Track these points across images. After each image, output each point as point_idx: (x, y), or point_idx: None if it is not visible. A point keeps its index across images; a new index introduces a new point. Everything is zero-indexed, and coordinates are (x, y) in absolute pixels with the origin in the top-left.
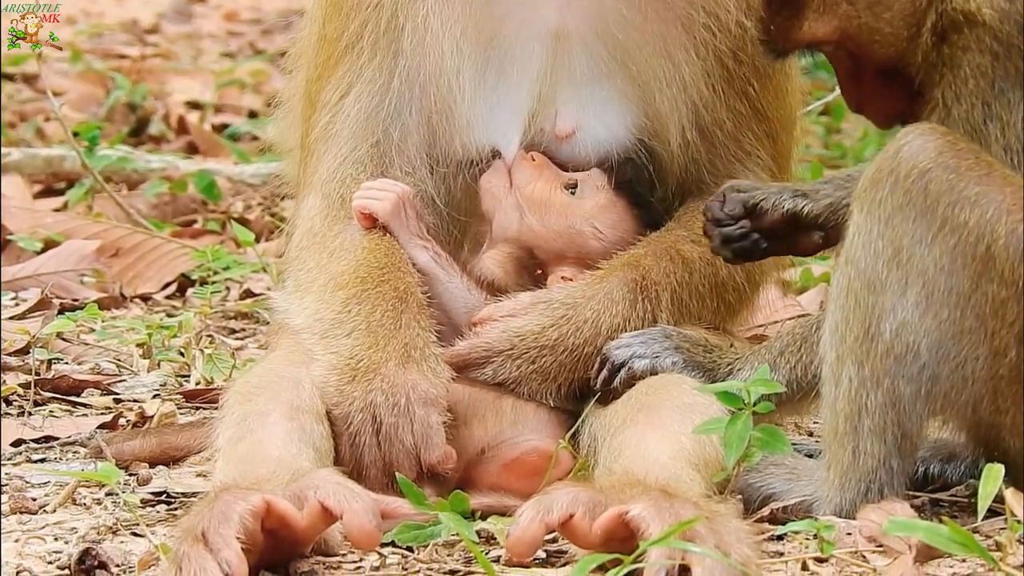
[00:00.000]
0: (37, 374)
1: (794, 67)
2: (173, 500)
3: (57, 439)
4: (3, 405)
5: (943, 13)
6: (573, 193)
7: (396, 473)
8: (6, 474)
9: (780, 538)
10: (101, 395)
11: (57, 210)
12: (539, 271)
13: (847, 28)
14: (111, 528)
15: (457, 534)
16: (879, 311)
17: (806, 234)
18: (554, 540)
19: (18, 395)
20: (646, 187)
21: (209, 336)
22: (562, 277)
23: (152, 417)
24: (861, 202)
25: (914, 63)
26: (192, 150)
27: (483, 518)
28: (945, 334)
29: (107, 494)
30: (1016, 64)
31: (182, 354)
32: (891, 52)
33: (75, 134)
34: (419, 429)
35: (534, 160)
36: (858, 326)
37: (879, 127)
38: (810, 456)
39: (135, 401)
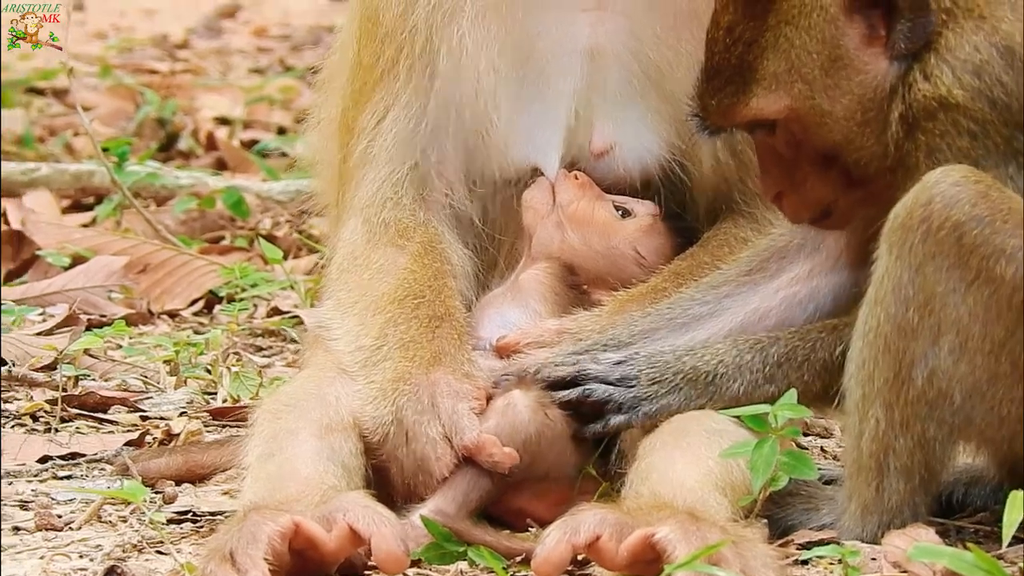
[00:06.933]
0: (64, 390)
1: None
2: (199, 518)
3: (83, 456)
4: (18, 421)
5: (912, 103)
6: (623, 217)
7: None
8: (32, 491)
9: (805, 563)
10: (128, 412)
11: (85, 226)
12: (583, 288)
13: (798, 108)
14: (136, 546)
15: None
16: (910, 357)
17: None
18: (582, 563)
19: (45, 411)
20: (681, 206)
21: (236, 354)
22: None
23: (178, 435)
24: (890, 244)
25: (866, 150)
26: (221, 166)
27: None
28: (980, 379)
29: (132, 512)
30: (994, 140)
31: (209, 371)
32: (838, 137)
33: (104, 149)
34: (447, 418)
35: (577, 179)
36: (887, 369)
37: (792, 221)
38: (830, 482)
39: (162, 418)
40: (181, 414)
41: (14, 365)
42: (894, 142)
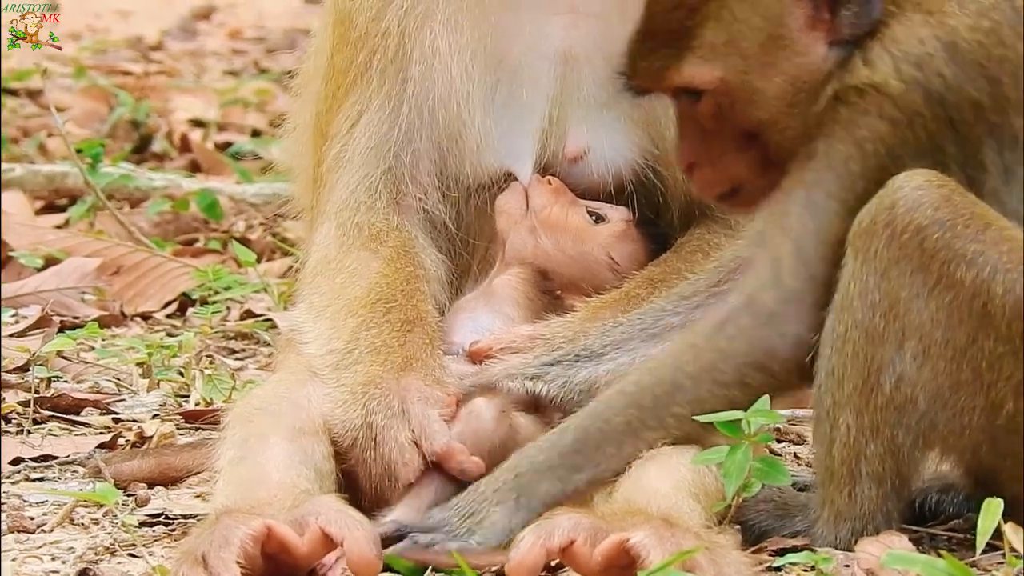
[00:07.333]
0: (36, 392)
1: None
2: (171, 521)
3: (56, 458)
4: (1, 423)
5: (847, 83)
6: (597, 222)
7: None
8: (3, 493)
9: (778, 569)
10: (100, 414)
11: (59, 227)
12: (556, 294)
13: (730, 81)
14: (109, 549)
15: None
16: (878, 363)
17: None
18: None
19: (17, 413)
20: (655, 212)
21: (209, 356)
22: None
23: (151, 437)
24: (856, 249)
25: (790, 131)
26: (195, 168)
27: None
28: (942, 385)
29: (105, 514)
30: (917, 133)
31: (182, 374)
32: (764, 116)
33: (78, 151)
34: (417, 423)
35: (551, 184)
36: (856, 375)
37: (702, 195)
38: (804, 489)
39: (134, 421)
40: (154, 417)
41: None
42: (816, 117)
